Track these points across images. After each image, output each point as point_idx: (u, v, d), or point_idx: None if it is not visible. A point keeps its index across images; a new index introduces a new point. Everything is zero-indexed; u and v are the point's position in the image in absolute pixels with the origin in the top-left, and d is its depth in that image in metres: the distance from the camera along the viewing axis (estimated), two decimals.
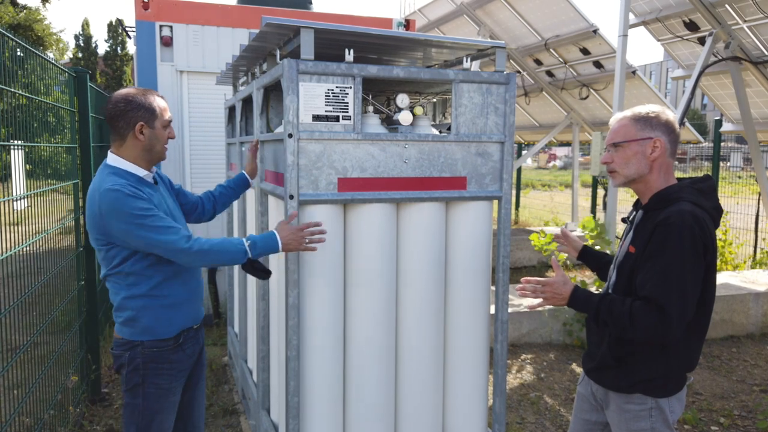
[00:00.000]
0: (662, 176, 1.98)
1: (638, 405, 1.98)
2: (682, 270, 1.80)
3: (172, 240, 2.08)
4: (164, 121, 2.25)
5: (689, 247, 1.81)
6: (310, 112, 2.33)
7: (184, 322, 2.33)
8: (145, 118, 2.19)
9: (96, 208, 2.11)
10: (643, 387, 1.96)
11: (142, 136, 2.19)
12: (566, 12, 7.38)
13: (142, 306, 2.21)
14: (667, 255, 1.81)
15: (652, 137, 1.95)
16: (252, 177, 2.89)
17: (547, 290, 1.97)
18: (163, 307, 2.24)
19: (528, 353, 5.07)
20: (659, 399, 1.96)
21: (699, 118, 40.71)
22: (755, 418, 3.95)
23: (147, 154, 2.23)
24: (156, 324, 2.23)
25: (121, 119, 2.17)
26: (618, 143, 1.99)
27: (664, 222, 1.84)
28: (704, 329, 1.98)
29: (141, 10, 5.35)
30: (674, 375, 1.97)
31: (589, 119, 9.54)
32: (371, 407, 2.52)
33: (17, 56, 2.92)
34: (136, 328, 2.22)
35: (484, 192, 2.61)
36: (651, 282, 1.83)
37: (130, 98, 2.18)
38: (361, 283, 2.48)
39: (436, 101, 3.62)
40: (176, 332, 2.29)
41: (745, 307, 5.64)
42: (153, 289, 2.21)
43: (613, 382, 2.03)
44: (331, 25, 2.33)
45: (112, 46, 32.32)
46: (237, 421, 3.78)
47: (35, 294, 2.96)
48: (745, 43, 6.35)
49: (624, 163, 1.99)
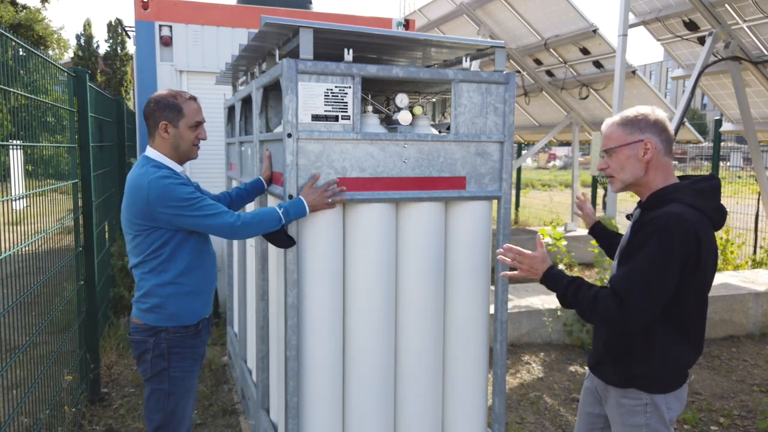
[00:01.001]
0: (660, 176, 1.97)
1: (633, 400, 2.00)
2: (650, 269, 1.83)
3: (221, 222, 2.27)
4: (191, 122, 2.38)
5: (666, 250, 1.81)
6: (310, 111, 2.33)
7: (204, 310, 2.48)
8: (170, 118, 2.36)
9: (144, 196, 2.24)
10: (638, 382, 1.98)
11: (167, 134, 2.37)
12: (566, 12, 7.38)
13: (170, 293, 2.34)
14: (641, 254, 1.85)
15: (642, 139, 1.94)
16: (268, 184, 2.90)
17: (525, 263, 2.04)
18: (188, 295, 2.38)
19: (527, 353, 5.06)
20: (654, 395, 1.97)
21: (699, 118, 40.70)
22: (755, 418, 3.95)
23: (174, 151, 2.40)
24: (180, 311, 2.37)
25: (150, 118, 2.38)
26: (610, 149, 2.01)
27: (648, 222, 1.87)
28: (701, 330, 1.98)
29: (140, 10, 5.35)
30: (669, 373, 1.98)
31: (588, 119, 9.54)
32: (371, 407, 2.52)
33: (18, 56, 2.92)
34: (161, 314, 2.35)
35: (483, 192, 2.61)
36: (620, 276, 1.89)
37: (159, 99, 2.37)
38: (360, 283, 2.48)
39: (436, 101, 3.62)
40: (197, 320, 2.43)
41: (744, 306, 5.64)
42: (178, 277, 2.35)
43: (610, 376, 2.07)
44: (331, 24, 2.33)
45: (112, 46, 32.32)
46: (236, 421, 3.78)
47: (35, 294, 2.96)
48: (745, 43, 6.35)
49: (619, 169, 2.00)
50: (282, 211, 2.30)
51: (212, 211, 2.26)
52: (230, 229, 2.27)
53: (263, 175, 2.82)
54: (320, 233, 2.40)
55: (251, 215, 2.29)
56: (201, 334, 2.48)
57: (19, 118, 2.82)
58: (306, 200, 2.31)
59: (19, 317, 2.75)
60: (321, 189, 2.33)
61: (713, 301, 5.52)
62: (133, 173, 2.35)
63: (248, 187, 2.87)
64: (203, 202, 2.27)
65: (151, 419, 2.39)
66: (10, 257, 2.62)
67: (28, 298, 2.85)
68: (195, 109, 2.41)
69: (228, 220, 2.26)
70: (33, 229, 2.99)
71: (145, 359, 2.37)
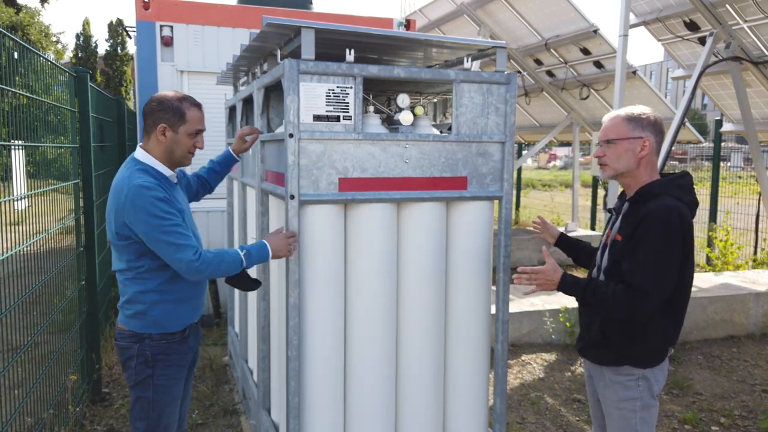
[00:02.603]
0: (648, 171, 2.17)
1: (626, 376, 2.18)
2: (661, 258, 2.01)
3: (180, 257, 2.15)
4: (191, 129, 2.30)
5: (671, 237, 2.02)
6: (311, 112, 2.33)
7: (191, 316, 2.41)
8: (170, 122, 2.27)
9: (122, 201, 2.16)
10: (630, 359, 2.17)
11: (164, 137, 2.28)
12: (566, 12, 7.38)
13: (154, 301, 2.27)
14: (649, 245, 2.03)
15: (642, 137, 2.14)
16: (237, 153, 2.92)
17: (540, 277, 2.16)
18: (173, 302, 2.31)
19: (528, 353, 5.06)
20: (645, 370, 2.17)
21: (699, 118, 40.70)
22: (756, 419, 3.95)
23: (167, 156, 2.31)
24: (165, 318, 2.30)
25: (149, 117, 2.28)
26: (611, 140, 2.17)
27: (649, 215, 2.05)
28: (683, 309, 2.19)
29: (141, 10, 5.35)
30: (656, 348, 2.18)
31: (589, 119, 9.54)
32: (372, 407, 2.52)
33: (12, 57, 2.92)
34: (145, 321, 2.28)
35: (484, 192, 2.61)
36: (635, 270, 2.04)
37: (163, 99, 2.28)
38: (361, 283, 2.48)
39: (437, 101, 3.62)
40: (183, 326, 2.37)
41: (745, 307, 5.64)
42: (163, 284, 2.27)
43: (604, 357, 2.24)
44: (332, 25, 2.33)
45: (112, 46, 32.31)
46: (237, 421, 3.78)
47: (36, 294, 2.96)
48: (746, 43, 6.35)
49: (615, 159, 2.17)
50: (244, 254, 2.26)
51: (177, 241, 2.14)
52: (187, 267, 2.15)
53: (234, 146, 2.87)
54: (321, 233, 2.40)
55: (213, 254, 2.20)
56: (188, 341, 2.41)
57: (20, 118, 2.82)
58: (270, 244, 2.30)
59: (20, 317, 2.75)
60: (284, 236, 2.31)
61: (714, 302, 5.52)
62: (118, 175, 2.27)
63: (219, 161, 2.90)
64: (174, 228, 2.14)
65: (136, 427, 2.34)
66: (12, 257, 2.62)
67: (29, 298, 2.86)
68: (198, 116, 2.33)
69: (188, 257, 2.14)
70: (34, 230, 2.99)
71: (130, 366, 2.31)
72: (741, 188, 10.68)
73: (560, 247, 2.62)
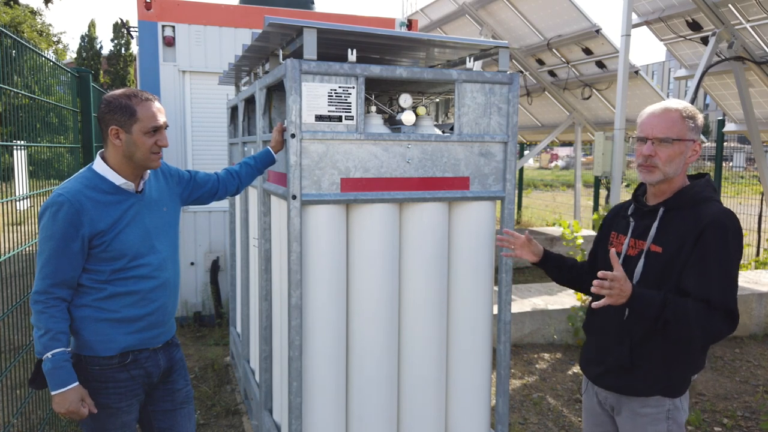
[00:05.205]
0: (683, 177, 1.95)
1: (655, 408, 1.91)
2: (732, 269, 1.80)
3: (34, 288, 1.97)
4: (146, 127, 2.01)
5: (737, 247, 1.81)
6: (313, 112, 2.32)
7: (131, 342, 2.07)
8: (121, 123, 2.00)
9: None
10: (663, 388, 1.91)
11: (118, 141, 2.01)
12: (568, 12, 7.37)
13: (82, 317, 2.01)
14: (720, 257, 1.79)
15: (695, 140, 1.89)
16: (276, 151, 2.63)
17: (615, 287, 1.76)
18: (104, 322, 2.02)
19: (531, 354, 5.06)
20: (675, 399, 1.92)
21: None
22: (758, 419, 3.94)
23: (127, 161, 2.04)
24: (93, 339, 2.02)
25: (101, 121, 2.04)
26: (669, 139, 1.86)
27: (713, 223, 1.80)
28: None
29: (143, 11, 5.35)
30: (686, 376, 1.93)
31: (591, 119, 9.53)
32: (374, 407, 2.52)
33: (10, 56, 2.92)
34: (78, 341, 2.04)
35: (487, 192, 2.61)
36: (711, 285, 1.78)
37: (110, 100, 2.02)
38: (363, 283, 2.47)
39: (439, 101, 3.61)
40: (118, 351, 2.05)
41: (748, 307, 5.62)
42: (98, 301, 2.02)
43: (630, 385, 1.95)
44: (334, 25, 2.33)
45: (116, 46, 32.39)
46: (239, 422, 3.78)
47: None
48: (749, 43, 6.34)
49: (668, 161, 1.87)
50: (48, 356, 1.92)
51: (41, 267, 1.94)
52: (31, 295, 1.97)
53: (272, 143, 2.58)
54: (324, 234, 2.40)
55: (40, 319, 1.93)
56: (129, 369, 2.07)
57: (24, 117, 2.82)
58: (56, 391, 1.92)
59: (22, 318, 2.75)
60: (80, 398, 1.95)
61: None
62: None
63: (257, 156, 2.63)
64: (48, 254, 1.93)
65: None
66: (14, 257, 2.62)
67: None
68: (152, 111, 2.03)
69: (36, 287, 1.94)
70: (35, 230, 2.99)
71: None
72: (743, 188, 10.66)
73: (544, 267, 2.25)
